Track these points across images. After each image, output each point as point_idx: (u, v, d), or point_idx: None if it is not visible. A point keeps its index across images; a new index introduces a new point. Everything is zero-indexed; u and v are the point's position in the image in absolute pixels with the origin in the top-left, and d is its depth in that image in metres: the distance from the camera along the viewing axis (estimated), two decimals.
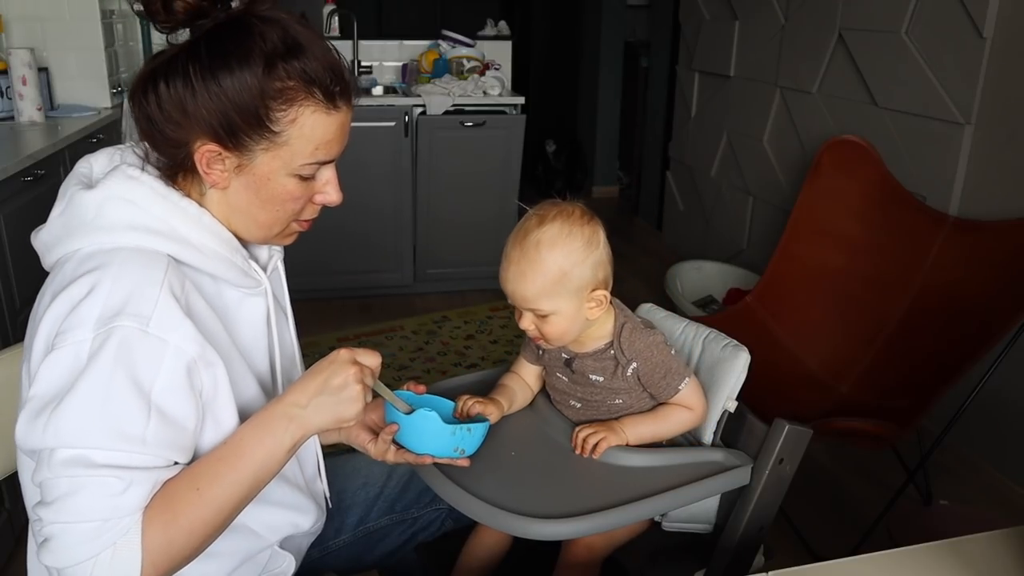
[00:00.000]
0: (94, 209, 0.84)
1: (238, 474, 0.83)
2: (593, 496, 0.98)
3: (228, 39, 0.83)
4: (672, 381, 1.07)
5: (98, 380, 0.76)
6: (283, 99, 0.84)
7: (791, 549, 2.02)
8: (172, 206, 0.86)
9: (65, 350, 0.77)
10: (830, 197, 2.48)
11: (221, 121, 0.83)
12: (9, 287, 1.95)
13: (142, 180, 0.86)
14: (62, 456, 0.76)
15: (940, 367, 1.91)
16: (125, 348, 0.77)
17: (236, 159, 0.86)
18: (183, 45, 0.84)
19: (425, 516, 1.27)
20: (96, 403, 0.76)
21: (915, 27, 2.44)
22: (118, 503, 0.76)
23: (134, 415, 0.78)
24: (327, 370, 0.85)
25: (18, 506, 1.97)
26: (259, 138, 0.85)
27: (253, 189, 0.88)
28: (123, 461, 0.77)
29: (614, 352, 1.08)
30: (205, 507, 0.80)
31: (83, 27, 2.99)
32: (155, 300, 0.80)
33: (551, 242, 1.01)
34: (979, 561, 0.86)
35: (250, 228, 0.92)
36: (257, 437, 0.84)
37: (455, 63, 3.79)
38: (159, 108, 0.84)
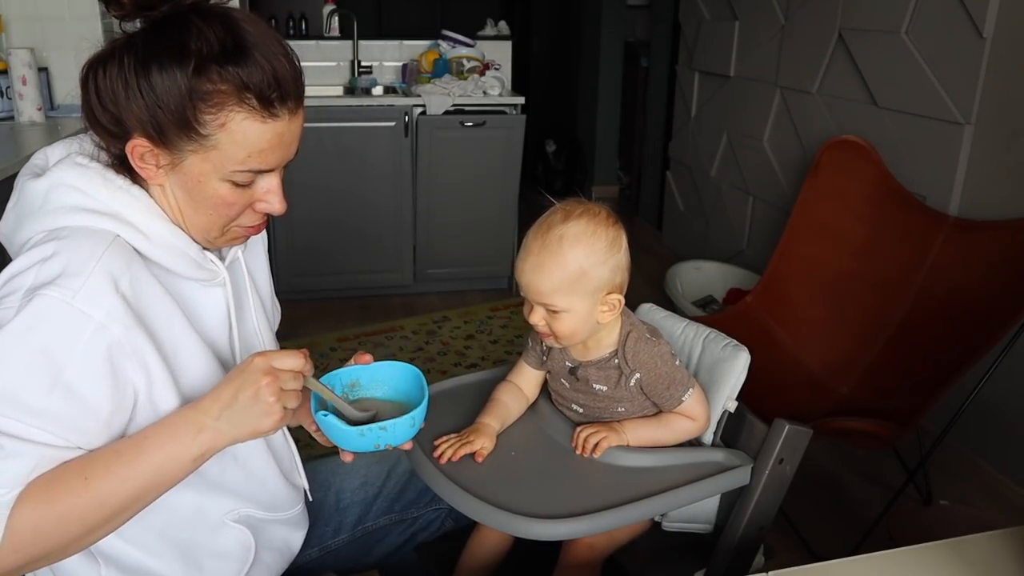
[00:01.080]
0: (41, 196, 0.84)
1: (132, 472, 0.77)
2: (593, 496, 0.98)
3: (165, 34, 0.81)
4: (675, 392, 1.07)
5: (5, 343, 0.74)
6: (212, 102, 0.81)
7: (791, 549, 2.02)
8: (120, 192, 0.84)
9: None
10: (830, 197, 2.48)
11: (150, 118, 0.81)
12: None
13: (90, 167, 0.85)
14: None
15: (940, 367, 1.91)
16: (43, 316, 0.75)
17: (167, 156, 0.84)
18: (125, 36, 0.83)
19: (425, 516, 1.27)
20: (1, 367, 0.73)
21: (915, 27, 2.44)
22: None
23: (35, 384, 0.74)
24: (237, 380, 0.80)
25: None
26: (187, 139, 0.82)
27: (186, 190, 0.86)
28: (12, 429, 0.73)
29: (618, 362, 1.07)
30: (87, 498, 0.75)
31: (83, 27, 2.98)
32: (87, 274, 0.77)
33: (575, 238, 1.00)
34: (979, 561, 0.86)
35: (189, 227, 0.89)
36: (161, 439, 0.79)
37: (455, 63, 3.79)
38: (97, 98, 0.84)
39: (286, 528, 1.08)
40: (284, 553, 1.08)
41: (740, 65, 3.47)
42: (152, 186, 0.87)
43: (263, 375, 0.79)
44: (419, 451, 1.05)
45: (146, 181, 0.87)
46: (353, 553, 1.24)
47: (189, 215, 0.88)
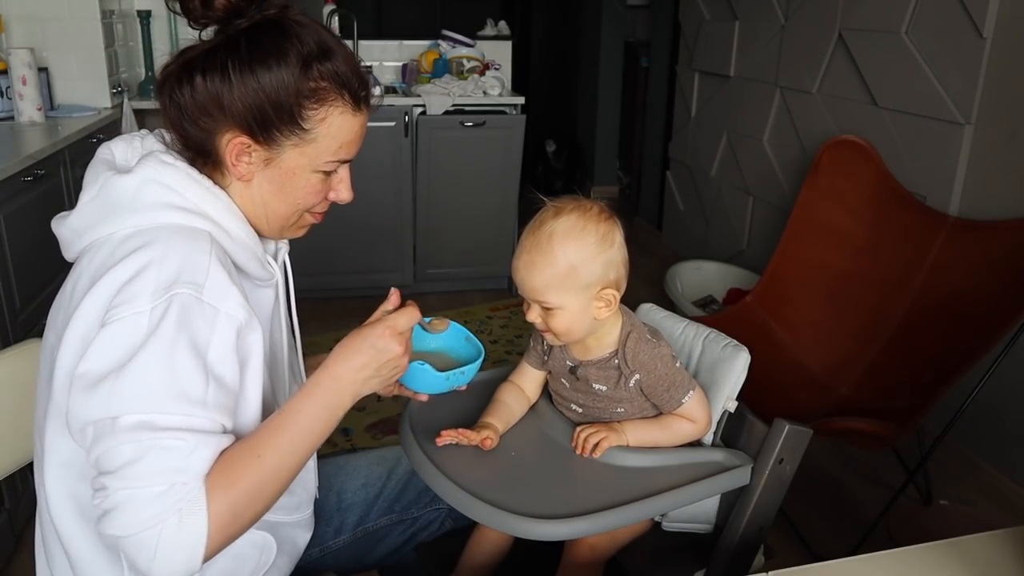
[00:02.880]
0: (131, 192, 0.86)
1: (296, 442, 0.85)
2: (593, 496, 0.98)
3: (267, 38, 0.87)
4: (675, 394, 1.07)
5: (161, 345, 0.78)
6: (315, 98, 0.89)
7: (791, 549, 2.02)
8: (206, 191, 0.89)
9: (122, 323, 0.78)
10: (830, 197, 2.48)
11: (256, 115, 0.87)
12: (9, 287, 1.95)
13: (177, 165, 0.88)
14: (127, 422, 0.76)
15: (940, 367, 1.91)
16: (185, 314, 0.80)
17: (265, 152, 0.90)
18: (220, 41, 0.87)
19: (425, 516, 1.27)
20: (160, 368, 0.78)
21: (915, 27, 2.44)
22: (184, 465, 0.77)
23: (196, 379, 0.80)
24: (369, 350, 0.89)
25: (19, 506, 1.97)
26: (289, 134, 0.89)
27: (277, 183, 0.92)
28: (188, 424, 0.79)
29: (618, 362, 1.07)
30: (266, 473, 0.82)
31: (83, 27, 2.99)
32: (206, 268, 0.83)
33: (564, 234, 1.00)
34: (979, 561, 0.86)
35: (268, 220, 0.95)
36: (312, 407, 0.87)
37: (455, 63, 3.79)
38: (193, 99, 0.87)
39: (296, 529, 1.09)
40: (292, 555, 1.09)
41: (740, 65, 3.47)
42: (233, 184, 0.92)
43: (396, 345, 0.90)
44: (419, 451, 1.05)
45: (228, 180, 0.92)
46: (354, 553, 1.24)
47: (273, 207, 0.94)
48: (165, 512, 0.75)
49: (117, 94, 3.18)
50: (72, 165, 2.46)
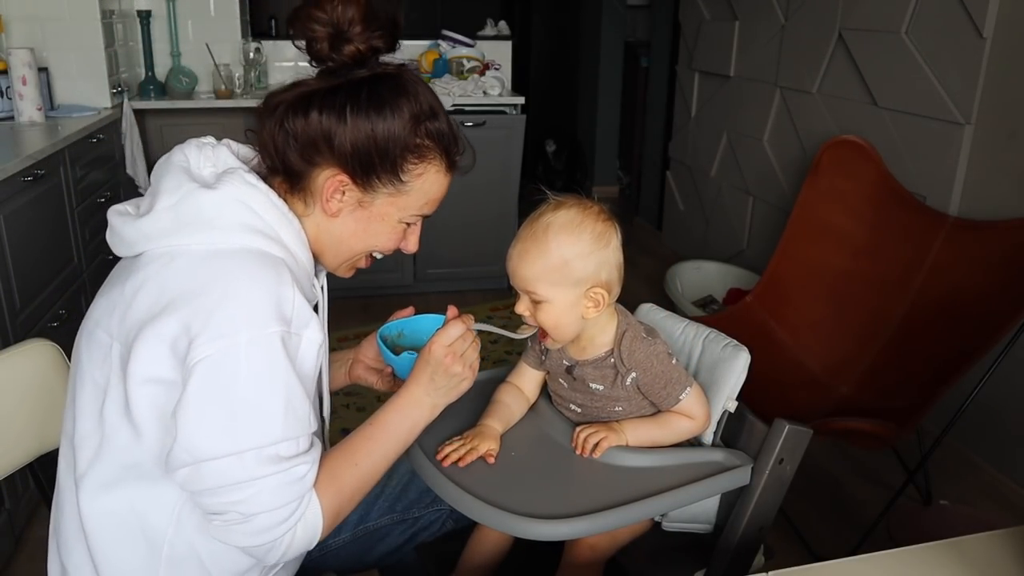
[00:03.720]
0: (214, 209, 0.89)
1: (386, 450, 0.98)
2: (593, 496, 0.98)
3: (386, 90, 0.93)
4: (673, 391, 1.06)
5: (263, 379, 0.84)
6: (418, 154, 0.95)
7: (791, 549, 2.02)
8: (282, 216, 0.93)
9: (218, 362, 0.82)
10: (830, 197, 2.48)
11: (361, 158, 0.93)
12: (9, 287, 1.95)
13: (258, 187, 0.92)
14: (255, 458, 0.85)
15: (940, 367, 1.91)
16: (280, 347, 0.85)
17: (359, 194, 0.96)
18: (342, 83, 0.92)
19: (426, 516, 1.27)
20: (269, 401, 0.85)
21: (915, 27, 2.44)
22: (304, 483, 0.89)
23: (297, 404, 0.87)
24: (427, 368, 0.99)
25: (19, 506, 1.97)
26: (387, 182, 0.95)
27: (363, 224, 0.98)
28: (302, 447, 0.88)
29: (614, 361, 1.07)
30: (362, 478, 0.96)
31: (83, 27, 2.99)
32: (291, 300, 0.88)
33: (560, 228, 1.01)
34: (979, 561, 0.86)
35: (334, 255, 1.01)
36: (399, 419, 0.99)
37: (455, 63, 3.79)
38: (305, 130, 0.92)
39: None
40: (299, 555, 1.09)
41: (740, 65, 3.47)
42: (315, 214, 0.97)
43: (444, 357, 0.98)
44: (420, 452, 1.05)
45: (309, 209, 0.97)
46: (354, 552, 1.24)
47: (349, 244, 1.00)
48: (292, 524, 0.89)
49: (117, 94, 3.18)
50: (72, 165, 2.46)
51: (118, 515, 0.91)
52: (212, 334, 0.82)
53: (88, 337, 0.93)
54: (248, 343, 0.83)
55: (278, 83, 2.63)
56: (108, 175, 2.90)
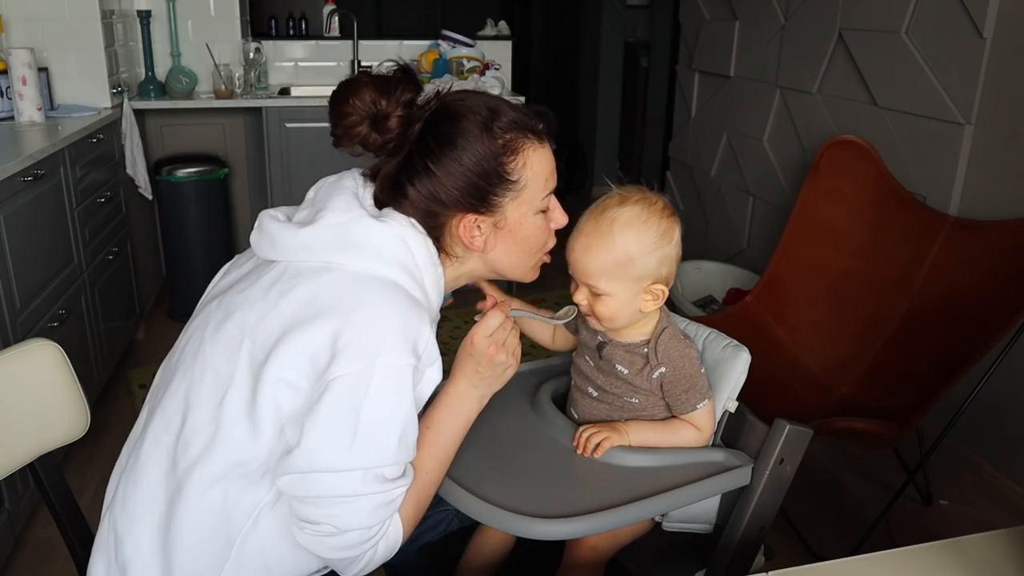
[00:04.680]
0: (380, 239, 0.95)
1: (446, 450, 1.01)
2: (594, 496, 0.98)
3: (446, 126, 0.97)
4: (692, 398, 1.08)
5: (387, 405, 0.89)
6: (509, 151, 0.98)
7: (791, 549, 2.02)
8: (431, 263, 0.99)
9: (351, 382, 0.88)
10: (830, 197, 2.48)
11: (472, 192, 0.97)
12: (9, 287, 1.95)
13: (419, 230, 0.98)
14: (361, 476, 0.89)
15: (940, 367, 1.91)
16: (406, 380, 0.91)
17: (491, 219, 1.00)
18: (411, 149, 0.98)
19: (432, 517, 1.27)
20: (389, 426, 0.90)
21: (915, 27, 2.44)
22: (395, 505, 0.94)
23: (410, 433, 0.93)
24: (471, 360, 1.00)
25: (19, 506, 1.97)
26: (504, 192, 0.99)
27: (511, 238, 1.02)
28: (401, 471, 0.94)
29: (647, 351, 1.08)
30: (431, 485, 1.00)
31: (83, 27, 2.99)
32: (427, 339, 0.93)
33: (626, 224, 1.03)
34: (979, 561, 0.86)
35: (513, 273, 1.07)
36: (451, 418, 1.01)
37: (455, 63, 3.79)
38: (414, 208, 0.98)
39: None
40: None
41: (740, 65, 3.47)
42: (471, 256, 1.04)
43: (487, 348, 0.99)
44: None
45: (460, 255, 1.03)
46: None
47: (513, 260, 1.05)
48: (375, 541, 0.93)
49: (117, 94, 3.18)
50: (72, 165, 2.46)
51: (211, 509, 0.94)
52: (353, 354, 0.88)
53: (217, 328, 0.97)
54: (385, 369, 0.88)
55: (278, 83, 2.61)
56: (108, 175, 2.90)
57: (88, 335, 2.51)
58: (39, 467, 1.14)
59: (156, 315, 3.48)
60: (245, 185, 3.89)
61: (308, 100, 3.50)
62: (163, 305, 3.58)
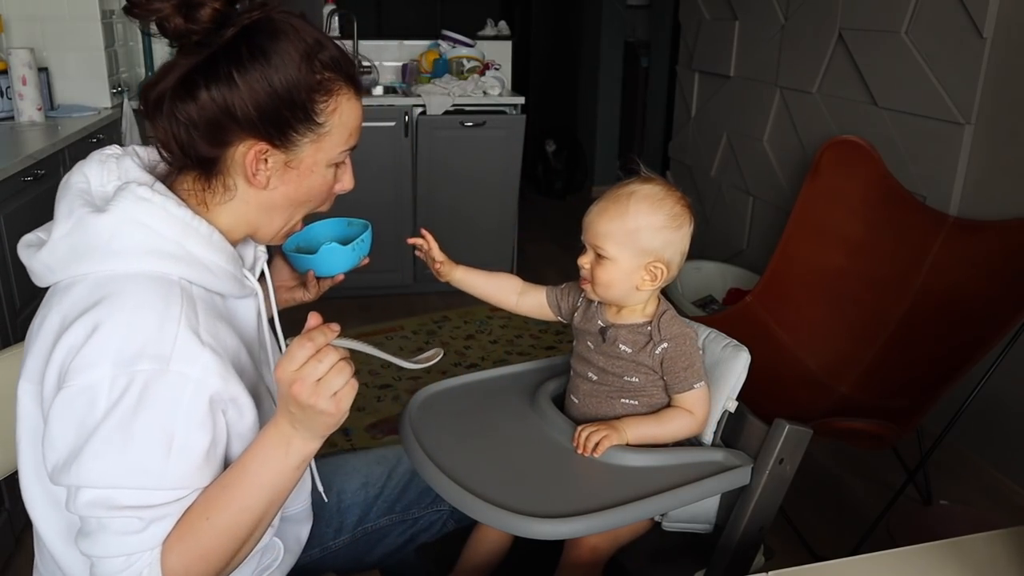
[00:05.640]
0: (107, 233, 0.81)
1: (247, 500, 0.81)
2: (594, 496, 0.98)
3: (264, 39, 0.83)
4: (690, 377, 1.10)
5: (120, 422, 0.76)
6: (324, 90, 0.86)
7: (791, 549, 2.02)
8: (186, 227, 0.84)
9: (80, 388, 0.76)
10: (830, 197, 2.48)
11: (271, 118, 0.84)
12: (9, 287, 1.95)
13: (154, 201, 0.83)
14: (86, 497, 0.77)
15: (940, 367, 1.91)
16: (147, 392, 0.77)
17: (283, 156, 0.87)
18: (216, 50, 0.82)
19: (426, 517, 1.27)
20: (118, 446, 0.76)
21: (915, 27, 2.44)
22: (139, 540, 0.78)
23: (156, 456, 0.78)
24: (282, 400, 0.80)
25: (18, 506, 1.97)
26: (306, 131, 0.87)
27: (295, 183, 0.90)
28: (144, 501, 0.78)
29: (650, 330, 1.11)
30: (217, 535, 0.80)
31: (83, 27, 2.99)
32: (174, 337, 0.79)
33: (642, 197, 1.08)
34: (979, 561, 0.86)
35: (270, 226, 0.93)
36: (258, 463, 0.82)
37: (455, 63, 3.79)
38: (201, 114, 0.83)
39: (297, 525, 1.09)
40: (295, 551, 1.09)
41: (740, 65, 3.47)
42: (239, 194, 0.89)
43: (289, 386, 0.77)
44: (420, 451, 1.05)
45: (230, 193, 0.88)
46: (354, 553, 1.24)
47: (281, 210, 0.92)
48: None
49: (117, 94, 3.18)
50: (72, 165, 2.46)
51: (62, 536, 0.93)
52: (80, 369, 0.76)
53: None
54: (112, 381, 0.76)
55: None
56: None
57: None
58: None
59: None
60: None
61: None
62: None
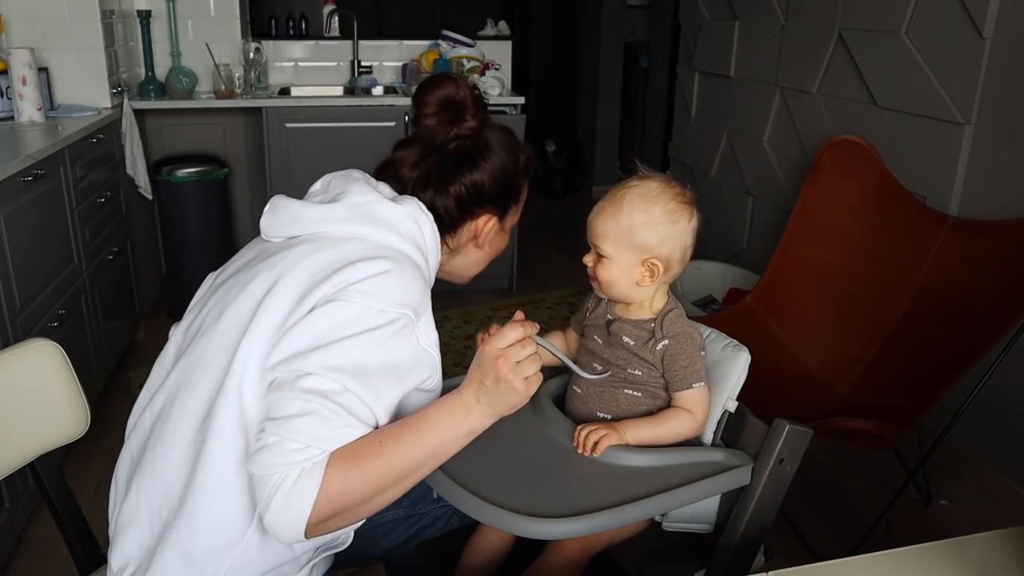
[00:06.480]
0: (396, 218, 1.03)
1: (416, 442, 0.92)
2: (594, 496, 0.98)
3: (496, 137, 1.14)
4: (690, 376, 1.10)
5: (373, 339, 0.92)
6: (525, 174, 1.19)
7: (791, 549, 2.02)
8: (435, 245, 1.09)
9: (356, 304, 0.92)
10: (830, 197, 2.48)
11: (503, 196, 1.15)
12: (9, 287, 1.95)
13: (428, 215, 1.08)
14: (309, 383, 0.88)
15: (940, 367, 1.91)
16: (401, 333, 0.94)
17: (499, 224, 1.17)
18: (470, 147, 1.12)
19: (431, 513, 1.28)
20: (361, 353, 0.91)
21: (915, 27, 2.44)
22: (327, 436, 0.87)
23: (383, 378, 0.92)
24: (479, 368, 0.95)
25: (19, 506, 1.97)
26: (513, 204, 1.18)
27: (496, 244, 1.19)
28: (353, 406, 0.89)
29: (654, 327, 1.12)
30: (383, 462, 0.89)
31: (83, 27, 2.99)
32: (427, 306, 1.00)
33: (637, 196, 1.10)
34: (979, 561, 0.86)
35: (470, 272, 1.22)
36: (440, 417, 0.95)
37: (455, 63, 3.79)
38: (455, 192, 1.11)
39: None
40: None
41: (740, 65, 3.47)
42: (460, 251, 1.17)
43: (495, 360, 0.93)
44: None
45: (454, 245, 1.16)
46: (358, 546, 1.23)
47: (483, 264, 1.21)
48: (292, 465, 0.85)
49: (117, 94, 3.18)
50: (72, 165, 2.46)
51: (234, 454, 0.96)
52: (364, 293, 0.93)
53: (240, 290, 0.99)
54: (381, 311, 0.93)
55: (278, 83, 2.61)
56: (108, 175, 2.90)
57: (88, 335, 2.51)
58: (39, 467, 1.14)
59: (156, 315, 3.48)
60: (245, 185, 3.89)
61: (308, 100, 3.50)
62: (163, 305, 3.58)
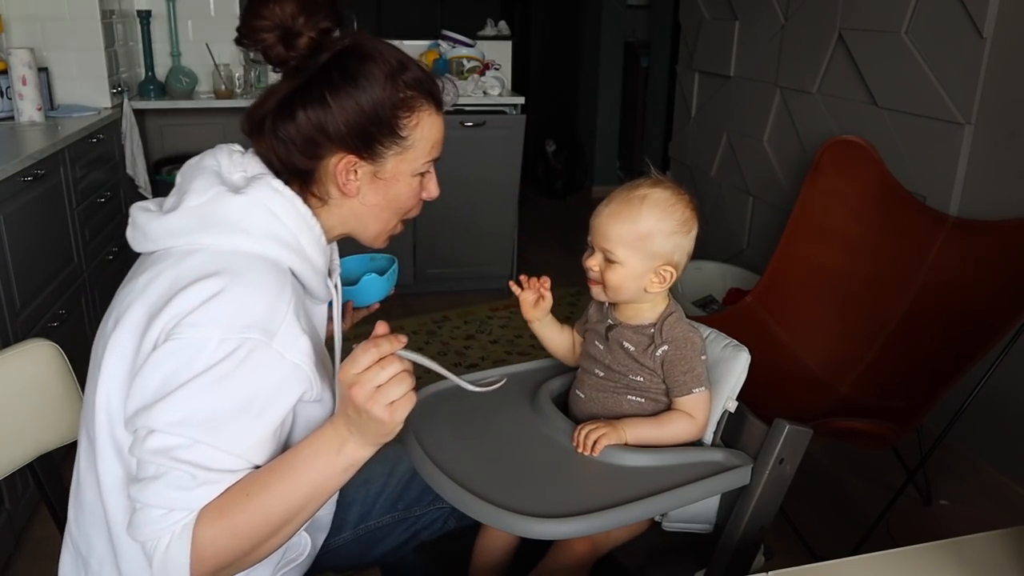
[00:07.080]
0: (240, 212, 0.91)
1: (288, 487, 0.84)
2: (594, 496, 0.98)
3: (353, 63, 0.95)
4: (690, 381, 1.10)
5: (215, 379, 0.82)
6: (406, 107, 0.97)
7: (791, 549, 2.02)
8: (303, 223, 0.95)
9: (188, 342, 0.82)
10: (830, 197, 2.48)
11: (359, 134, 0.95)
12: (9, 287, 1.95)
13: (284, 194, 0.94)
14: (155, 442, 0.81)
15: (940, 367, 1.91)
16: (249, 359, 0.83)
17: (370, 167, 0.98)
18: (311, 75, 0.94)
19: (427, 515, 1.27)
20: (204, 400, 0.82)
21: (915, 27, 2.44)
22: (184, 497, 0.81)
23: (233, 419, 0.83)
24: (341, 400, 0.84)
25: (18, 506, 1.97)
26: (391, 144, 0.97)
27: (382, 192, 1.00)
28: (205, 460, 0.82)
29: (653, 332, 1.12)
30: (253, 514, 0.83)
31: (83, 27, 2.99)
32: (282, 318, 0.87)
33: (655, 202, 1.09)
34: (979, 561, 0.86)
35: (366, 230, 1.04)
36: (309, 456, 0.86)
37: (455, 63, 3.79)
38: (298, 132, 0.94)
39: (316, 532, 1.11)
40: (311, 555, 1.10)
41: (740, 65, 3.47)
42: (334, 200, 1.00)
43: (349, 387, 0.81)
44: (420, 450, 1.05)
45: (325, 198, 1.00)
46: (354, 551, 1.24)
47: (376, 215, 1.02)
48: (161, 531, 0.81)
49: (117, 94, 3.18)
50: (72, 165, 2.46)
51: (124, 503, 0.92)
52: (194, 324, 0.83)
53: (109, 334, 0.91)
54: (220, 342, 0.82)
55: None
56: (108, 175, 2.90)
57: (88, 335, 2.50)
58: (39, 467, 1.14)
59: None
60: None
61: None
62: None
